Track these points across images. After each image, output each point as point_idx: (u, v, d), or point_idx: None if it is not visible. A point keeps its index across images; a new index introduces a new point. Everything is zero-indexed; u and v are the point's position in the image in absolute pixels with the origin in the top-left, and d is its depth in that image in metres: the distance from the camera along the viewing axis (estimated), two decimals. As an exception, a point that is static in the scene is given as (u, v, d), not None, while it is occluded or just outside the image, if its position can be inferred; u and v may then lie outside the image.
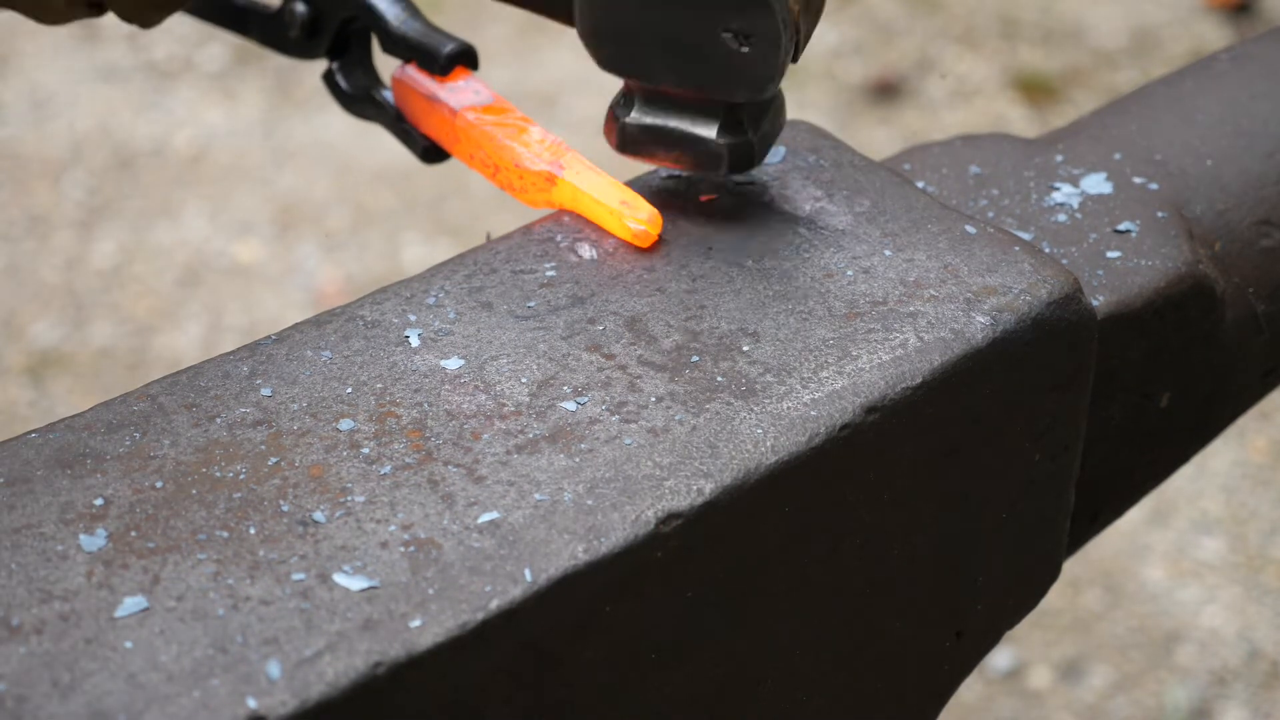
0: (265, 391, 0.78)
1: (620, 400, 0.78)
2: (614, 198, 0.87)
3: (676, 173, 0.92)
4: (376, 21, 0.99)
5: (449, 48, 0.97)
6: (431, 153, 0.99)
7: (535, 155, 0.91)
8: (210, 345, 2.77)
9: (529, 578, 0.69)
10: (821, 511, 0.79)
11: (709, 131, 0.85)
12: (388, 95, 1.01)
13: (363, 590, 0.68)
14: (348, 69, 1.04)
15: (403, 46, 0.98)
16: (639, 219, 0.86)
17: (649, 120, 0.86)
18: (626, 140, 0.87)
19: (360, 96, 1.03)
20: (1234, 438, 2.59)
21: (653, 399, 0.78)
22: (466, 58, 0.97)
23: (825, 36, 3.49)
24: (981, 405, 0.83)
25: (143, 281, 2.92)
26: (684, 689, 0.78)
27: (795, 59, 0.82)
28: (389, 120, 1.01)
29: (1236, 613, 2.36)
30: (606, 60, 0.85)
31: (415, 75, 0.98)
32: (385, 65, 1.03)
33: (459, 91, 0.96)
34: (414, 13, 0.99)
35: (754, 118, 0.85)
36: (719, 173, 0.86)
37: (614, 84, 0.88)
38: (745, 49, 0.81)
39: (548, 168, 0.90)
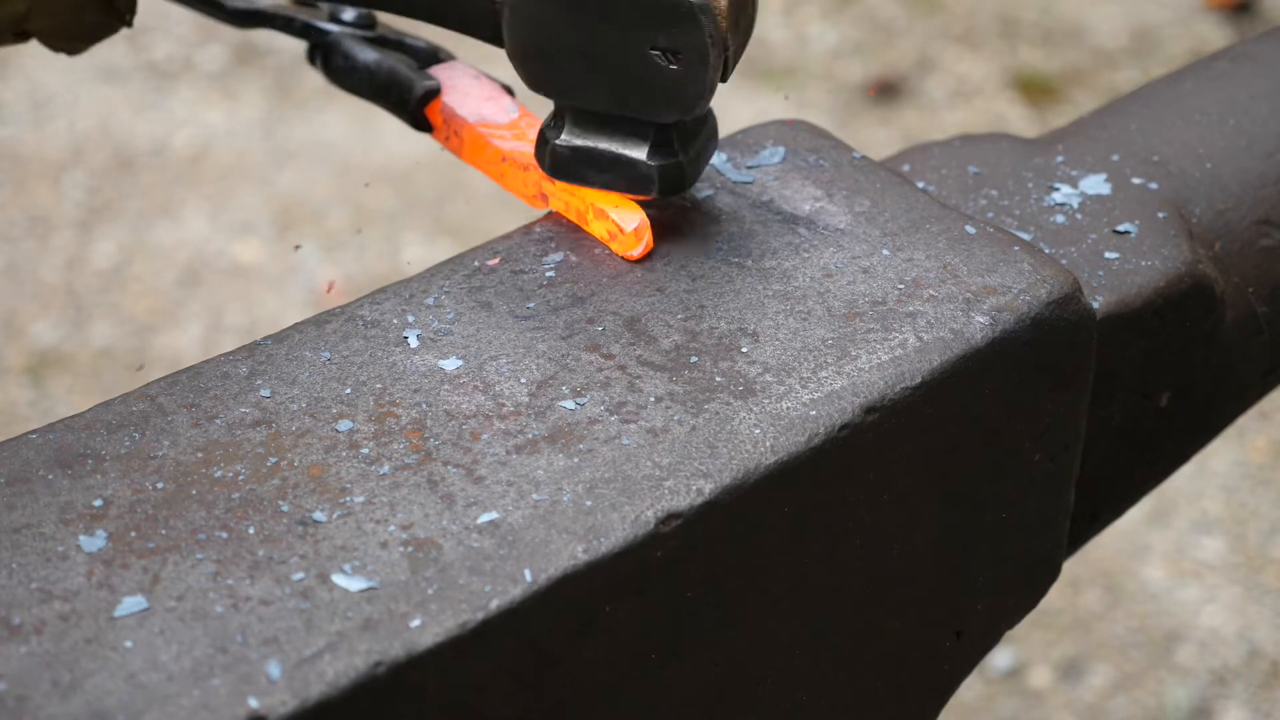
0: (264, 392, 0.78)
1: (620, 400, 0.78)
2: (607, 206, 0.87)
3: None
4: (347, 58, 0.98)
5: (421, 90, 0.96)
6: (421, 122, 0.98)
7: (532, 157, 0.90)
8: (210, 345, 2.77)
9: (529, 578, 0.69)
10: (821, 511, 0.79)
11: (639, 153, 0.84)
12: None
13: (362, 590, 0.68)
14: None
15: (368, 90, 0.97)
16: (626, 231, 0.85)
17: (579, 142, 0.84)
18: (557, 163, 0.85)
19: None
20: (1234, 438, 2.59)
21: (652, 399, 0.78)
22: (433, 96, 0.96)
23: (825, 36, 3.49)
24: (981, 405, 0.83)
25: (143, 281, 2.92)
26: (684, 689, 0.78)
27: (725, 78, 0.81)
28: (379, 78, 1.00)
29: (1236, 613, 2.36)
30: (535, 81, 0.84)
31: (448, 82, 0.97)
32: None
33: (457, 91, 0.96)
34: (384, 49, 0.98)
35: (685, 139, 0.84)
36: (650, 195, 0.84)
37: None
38: (674, 67, 0.80)
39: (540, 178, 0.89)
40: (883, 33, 3.51)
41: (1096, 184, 0.97)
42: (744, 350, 0.81)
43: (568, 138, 0.84)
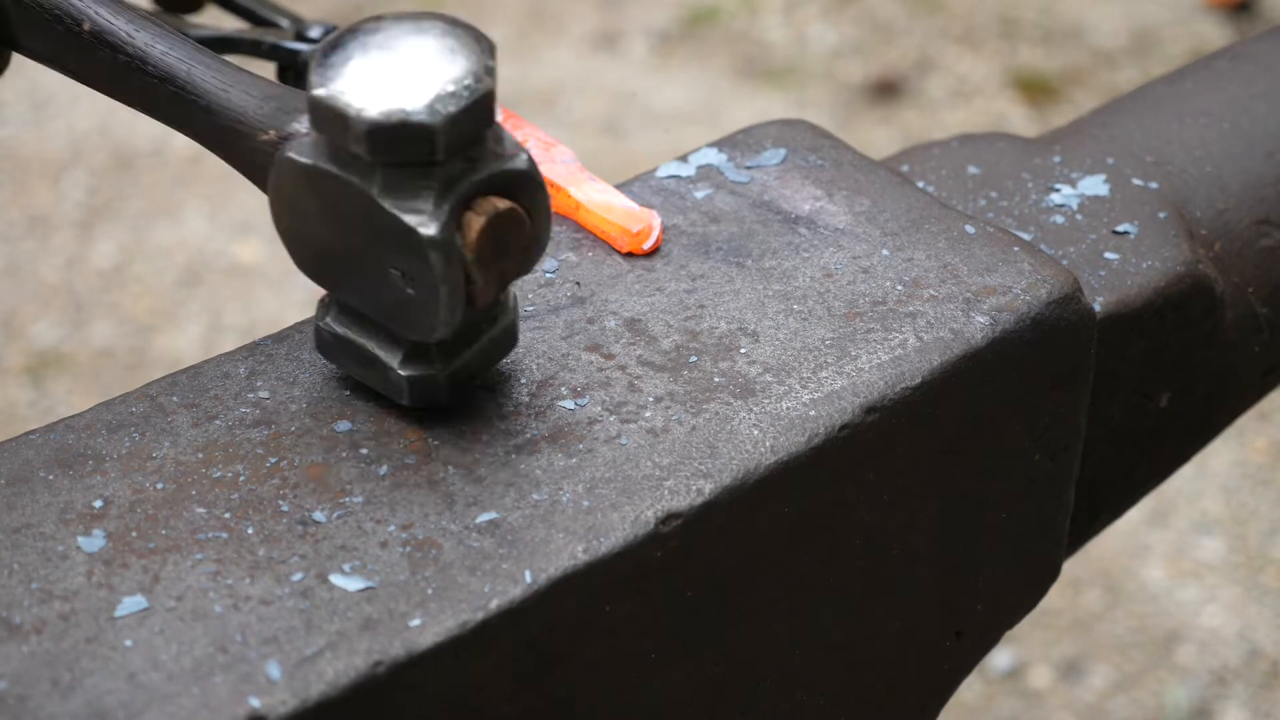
0: (264, 392, 0.78)
1: (620, 400, 0.78)
2: (608, 206, 0.87)
3: (676, 173, 0.92)
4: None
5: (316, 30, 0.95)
6: None
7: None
8: (210, 345, 2.77)
9: (529, 578, 0.70)
10: (821, 511, 0.79)
11: (393, 359, 0.76)
12: None
13: (362, 590, 0.69)
14: None
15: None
16: (631, 232, 0.86)
17: (340, 330, 0.78)
18: (322, 344, 0.79)
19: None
20: (1234, 438, 2.59)
21: (652, 399, 0.78)
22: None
23: (825, 36, 3.49)
24: (981, 405, 0.83)
25: (143, 281, 2.92)
26: (684, 689, 0.78)
27: (476, 305, 0.74)
28: None
29: (1236, 613, 2.36)
30: (298, 263, 0.77)
31: None
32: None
33: None
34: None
35: (445, 353, 0.76)
36: (403, 402, 0.77)
37: (615, 85, 0.88)
38: (410, 291, 0.72)
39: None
40: (883, 33, 3.51)
41: (1096, 184, 0.97)
42: (744, 350, 0.81)
43: (331, 323, 0.78)
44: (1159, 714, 2.24)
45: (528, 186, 0.73)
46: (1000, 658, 2.29)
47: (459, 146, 0.71)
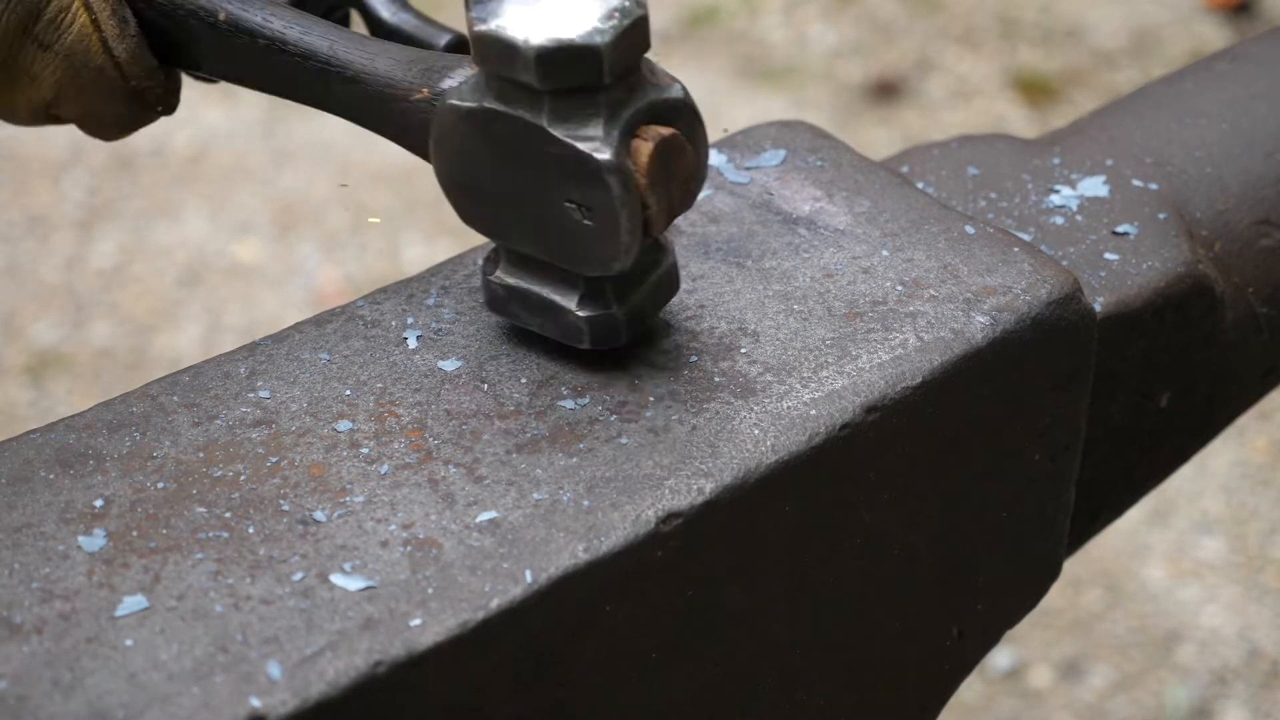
0: (264, 392, 0.78)
1: (620, 400, 0.78)
2: None
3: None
4: (366, 11, 0.97)
5: (445, 39, 0.96)
6: None
7: None
8: (210, 345, 2.77)
9: (529, 577, 0.69)
10: (821, 511, 0.79)
11: (569, 302, 0.77)
12: None
13: (363, 589, 0.69)
14: None
15: (397, 38, 0.97)
16: None
17: (512, 281, 0.79)
18: (493, 298, 0.80)
19: None
20: (1234, 438, 2.59)
21: (652, 398, 0.78)
22: (463, 48, 0.96)
23: (825, 36, 3.49)
24: (981, 405, 0.83)
25: (143, 281, 2.92)
26: (684, 689, 0.78)
27: (653, 233, 0.75)
28: None
29: (1236, 613, 2.36)
30: (464, 216, 0.79)
31: None
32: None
33: None
34: (404, 4, 0.98)
35: (622, 290, 0.78)
36: (582, 345, 0.79)
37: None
38: (587, 222, 0.74)
39: None
40: (883, 33, 3.51)
41: (1095, 185, 0.97)
42: (744, 350, 0.81)
43: (502, 275, 0.79)
44: (1159, 714, 2.24)
45: (685, 115, 0.75)
46: (1000, 658, 2.29)
47: (623, 70, 0.73)
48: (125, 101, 0.85)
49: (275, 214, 3.05)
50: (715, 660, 0.78)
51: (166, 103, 0.87)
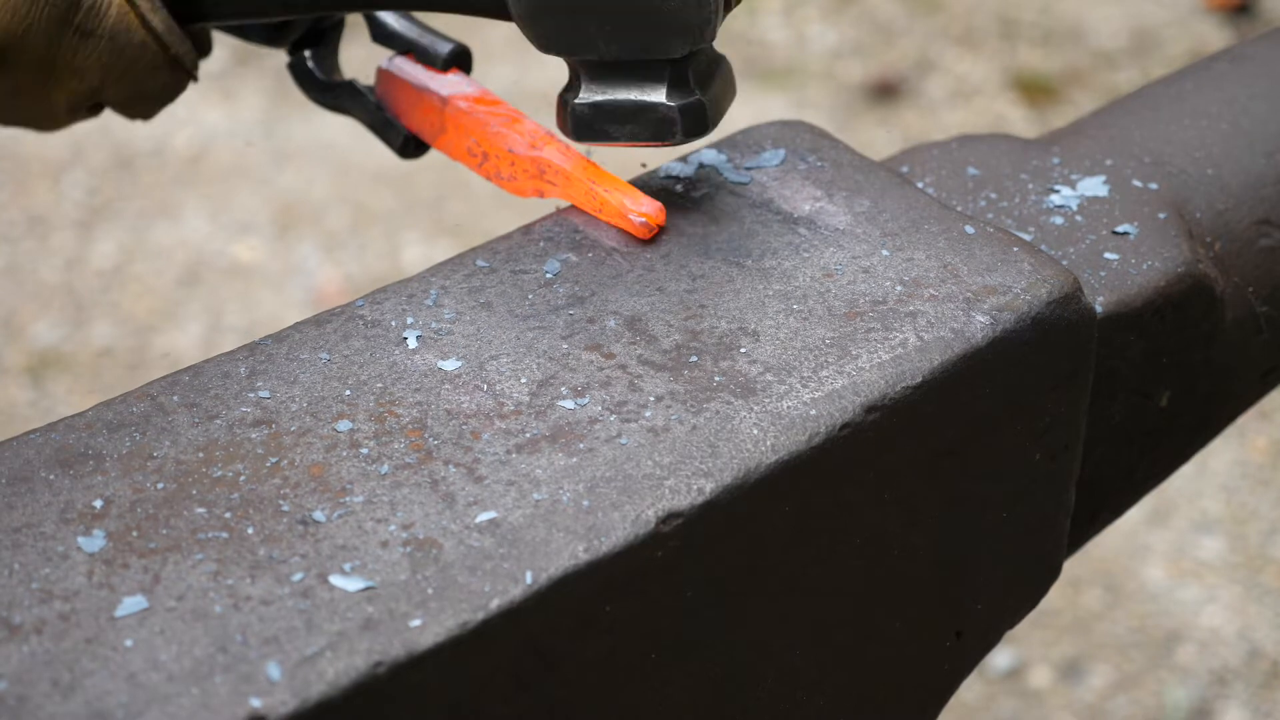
0: (264, 392, 0.78)
1: (620, 400, 0.78)
2: (614, 187, 0.88)
3: (675, 173, 0.92)
4: (371, 16, 0.98)
5: (448, 49, 0.97)
6: (410, 146, 0.98)
7: (527, 143, 0.91)
8: (210, 345, 2.77)
9: (529, 577, 0.69)
10: (821, 511, 0.79)
11: (658, 96, 0.83)
12: (363, 87, 1.00)
13: (363, 590, 0.68)
14: (320, 59, 1.02)
15: (399, 42, 0.97)
16: (641, 210, 0.86)
17: (598, 98, 0.84)
18: (580, 123, 0.85)
19: (335, 86, 1.01)
20: (1234, 438, 2.59)
21: (652, 398, 0.78)
22: (463, 59, 0.97)
23: (825, 36, 3.49)
24: (981, 405, 0.83)
25: (143, 281, 2.92)
26: (684, 689, 0.78)
27: (730, 4, 0.81)
28: (367, 111, 0.99)
29: (1236, 613, 2.36)
30: (545, 39, 0.83)
31: (405, 65, 0.97)
32: (358, 58, 1.01)
33: (450, 84, 0.96)
34: (407, 15, 0.98)
35: (702, 77, 0.84)
36: (675, 138, 0.84)
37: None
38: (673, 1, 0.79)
39: (539, 154, 0.90)
40: (883, 33, 3.51)
41: (1095, 185, 0.97)
42: (744, 350, 0.81)
43: (586, 95, 0.84)
44: (1159, 714, 2.24)
45: None
46: (1000, 658, 2.29)
47: None
48: (169, 71, 0.88)
49: (275, 214, 3.05)
50: (715, 660, 0.78)
51: (195, 66, 0.90)
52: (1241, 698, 2.26)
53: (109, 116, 0.96)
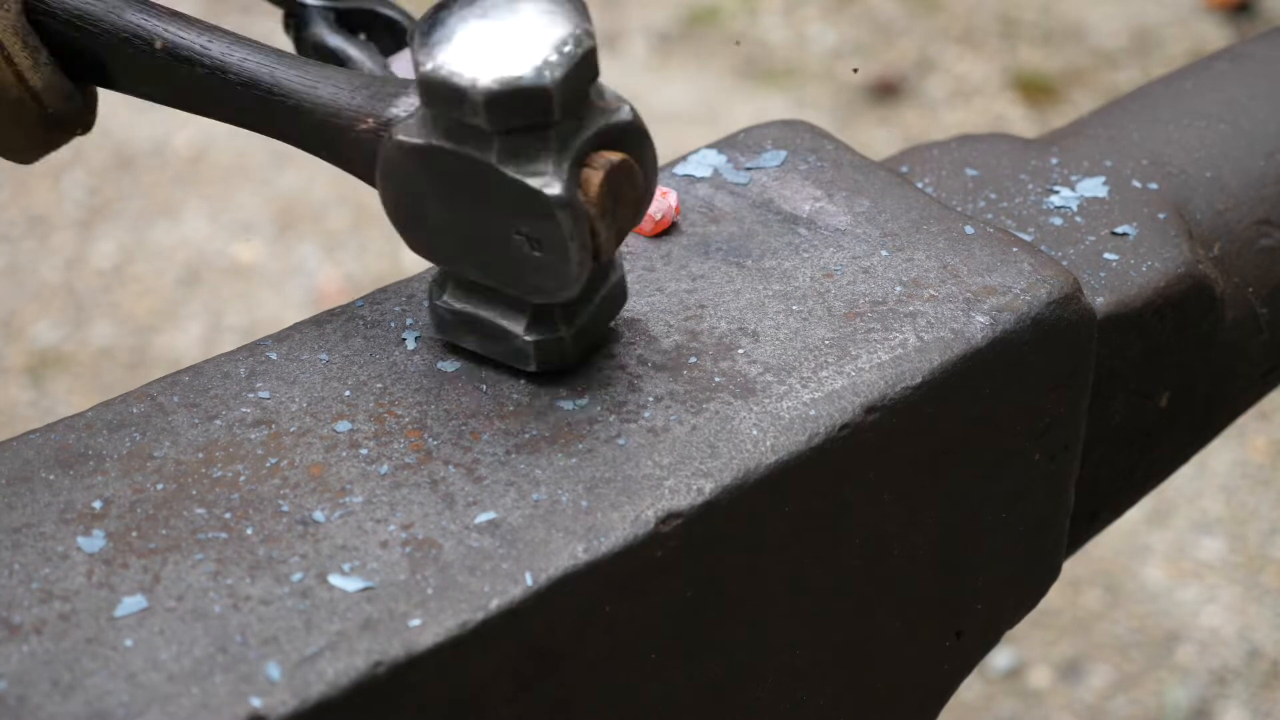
0: (264, 392, 0.78)
1: (620, 400, 0.78)
2: None
3: (676, 172, 0.92)
4: (312, 42, 0.96)
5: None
6: None
7: None
8: (210, 345, 2.77)
9: (529, 578, 0.70)
10: (821, 511, 0.79)
11: (517, 327, 0.78)
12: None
13: (362, 590, 0.69)
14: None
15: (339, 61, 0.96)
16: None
17: (459, 306, 0.79)
18: (440, 323, 0.80)
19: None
20: (1234, 438, 2.59)
21: (652, 398, 0.78)
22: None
23: (825, 36, 3.49)
24: (981, 405, 0.83)
25: (143, 281, 2.92)
26: (684, 689, 0.78)
27: (600, 260, 0.75)
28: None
29: (1236, 613, 2.36)
30: (413, 246, 0.79)
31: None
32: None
33: None
34: (351, 36, 0.96)
35: (568, 314, 0.78)
36: (529, 368, 0.79)
37: (615, 85, 0.88)
38: (537, 254, 0.74)
39: None
40: (883, 33, 3.51)
41: (1095, 186, 0.97)
42: (744, 350, 0.81)
43: (449, 300, 0.79)
44: (1159, 714, 2.24)
45: (635, 137, 0.75)
46: (1000, 658, 2.29)
47: (572, 105, 0.72)
48: (43, 127, 0.85)
49: (275, 214, 3.05)
50: (715, 660, 0.78)
51: (84, 122, 0.86)
52: (1241, 698, 2.26)
53: (109, 117, 0.95)
